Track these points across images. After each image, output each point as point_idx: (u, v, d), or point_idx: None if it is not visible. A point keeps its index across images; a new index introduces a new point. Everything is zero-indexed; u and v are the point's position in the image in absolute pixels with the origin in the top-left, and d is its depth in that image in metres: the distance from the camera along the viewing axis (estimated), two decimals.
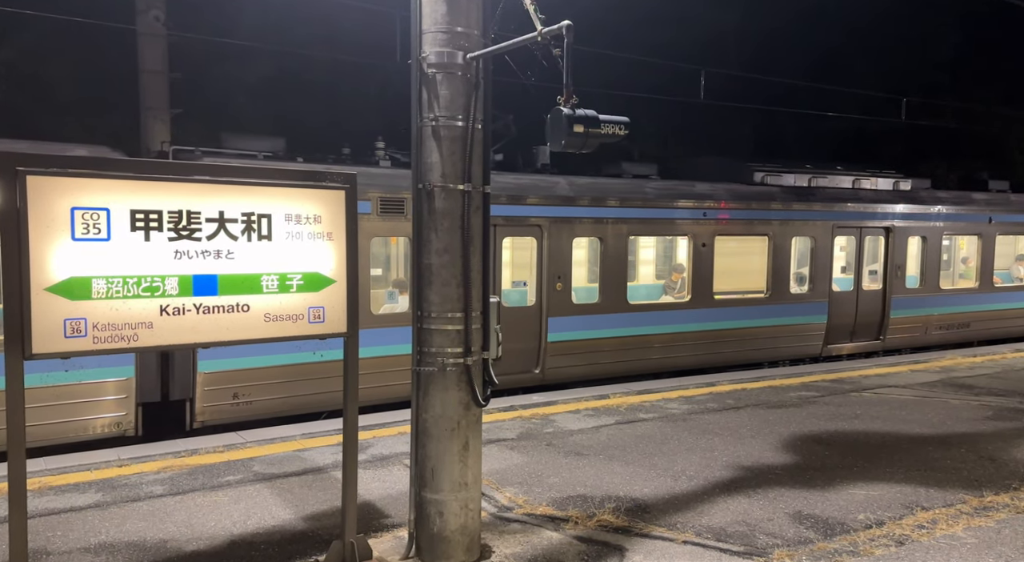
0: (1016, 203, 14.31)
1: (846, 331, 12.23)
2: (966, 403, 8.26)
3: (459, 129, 4.11)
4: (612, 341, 10.01)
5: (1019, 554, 4.36)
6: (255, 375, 7.73)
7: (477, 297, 4.25)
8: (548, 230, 9.40)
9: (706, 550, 4.44)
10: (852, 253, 12.31)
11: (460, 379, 4.20)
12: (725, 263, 10.97)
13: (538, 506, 5.12)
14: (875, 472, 5.88)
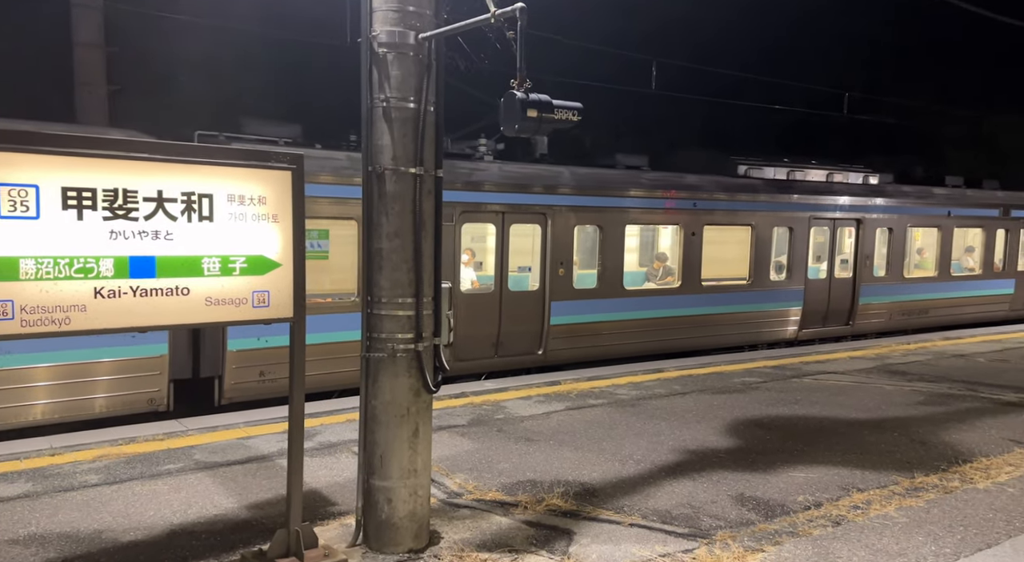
0: (971, 198, 15.08)
1: (819, 317, 12.85)
2: (899, 389, 8.59)
3: (411, 111, 4.04)
4: (610, 324, 10.45)
5: (947, 532, 4.56)
6: (281, 354, 7.94)
7: (428, 282, 4.20)
8: (552, 218, 9.77)
9: (652, 532, 4.52)
10: (826, 243, 12.93)
11: (411, 365, 4.15)
12: (712, 251, 11.43)
13: (488, 492, 5.12)
14: (814, 455, 6.07)
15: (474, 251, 9.74)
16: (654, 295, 11.11)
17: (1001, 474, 5.61)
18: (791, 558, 4.19)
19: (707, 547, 4.32)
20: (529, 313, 9.71)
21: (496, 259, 9.57)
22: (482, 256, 9.74)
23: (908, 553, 4.26)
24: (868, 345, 11.86)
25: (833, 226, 12.97)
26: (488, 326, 9.50)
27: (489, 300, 9.48)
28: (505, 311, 9.58)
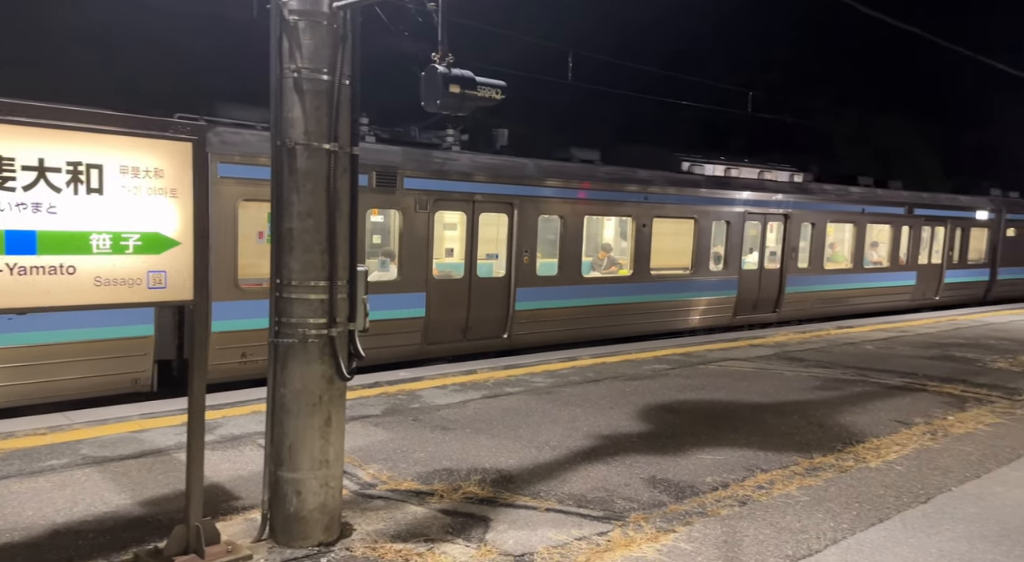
0: (880, 197, 16.29)
1: (751, 304, 13.80)
2: (798, 374, 9.02)
3: (324, 83, 3.83)
4: (569, 310, 11.00)
5: (844, 509, 4.80)
6: (262, 336, 8.02)
7: (344, 265, 4.01)
8: (518, 208, 10.19)
9: (568, 516, 4.53)
10: (758, 236, 13.82)
11: (323, 351, 3.96)
12: (659, 243, 12.10)
13: (403, 481, 5.00)
14: (720, 438, 6.27)
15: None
16: (609, 283, 11.64)
17: (890, 453, 5.97)
18: (701, 538, 4.30)
19: (621, 529, 4.37)
20: (496, 299, 10.11)
21: (466, 247, 9.84)
22: (453, 243, 9.97)
23: (809, 530, 4.45)
24: (767, 334, 12.42)
25: (764, 220, 13.83)
26: (458, 311, 9.82)
27: (459, 286, 9.80)
28: (474, 297, 9.93)
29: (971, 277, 18.75)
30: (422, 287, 9.43)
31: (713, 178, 13.26)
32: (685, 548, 4.16)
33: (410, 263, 9.32)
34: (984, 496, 5.08)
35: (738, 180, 13.63)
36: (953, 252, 18.13)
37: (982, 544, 4.31)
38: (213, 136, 7.78)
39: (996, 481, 5.38)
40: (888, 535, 4.41)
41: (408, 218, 9.27)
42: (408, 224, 9.28)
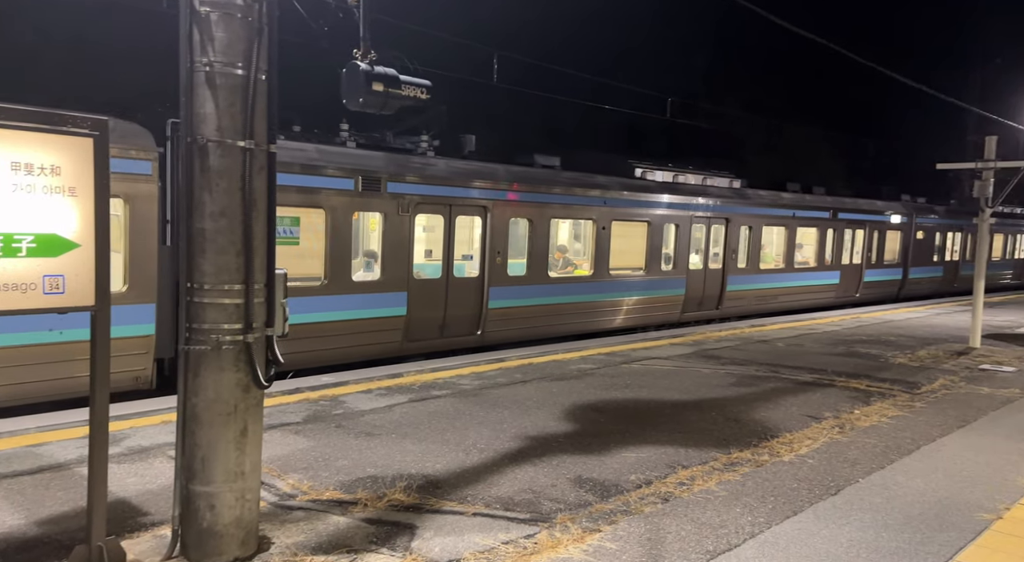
0: (808, 202, 17.62)
1: (697, 302, 14.81)
2: (715, 372, 9.31)
3: (239, 78, 3.67)
4: (537, 308, 11.63)
5: (760, 503, 4.96)
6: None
7: (261, 267, 3.85)
8: (492, 211, 10.74)
9: (495, 520, 4.50)
10: (703, 238, 14.77)
11: (239, 358, 3.79)
12: (616, 244, 12.82)
13: (325, 491, 4.85)
14: (643, 436, 6.39)
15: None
16: (573, 282, 12.31)
17: (802, 447, 6.22)
18: (625, 536, 4.35)
19: (548, 531, 4.37)
20: (470, 298, 10.66)
21: (444, 248, 10.32)
22: (432, 245, 10.45)
23: (728, 524, 4.58)
24: (687, 333, 12.79)
25: (708, 223, 14.82)
26: (436, 310, 10.29)
27: (438, 286, 10.29)
28: (451, 296, 10.44)
29: (887, 276, 20.33)
30: (404, 287, 9.81)
31: (663, 184, 14.18)
32: (610, 547, 4.20)
33: (393, 264, 9.70)
34: (888, 486, 5.36)
35: (685, 186, 14.63)
36: (871, 253, 19.61)
37: (887, 533, 4.54)
38: None
39: (899, 471, 5.69)
40: (802, 527, 4.58)
41: (391, 221, 9.66)
42: (391, 226, 9.67)
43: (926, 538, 4.47)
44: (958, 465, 5.86)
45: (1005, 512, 4.92)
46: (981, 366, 10.19)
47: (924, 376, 9.39)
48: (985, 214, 12.21)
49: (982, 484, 5.44)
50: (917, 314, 16.38)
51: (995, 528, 4.65)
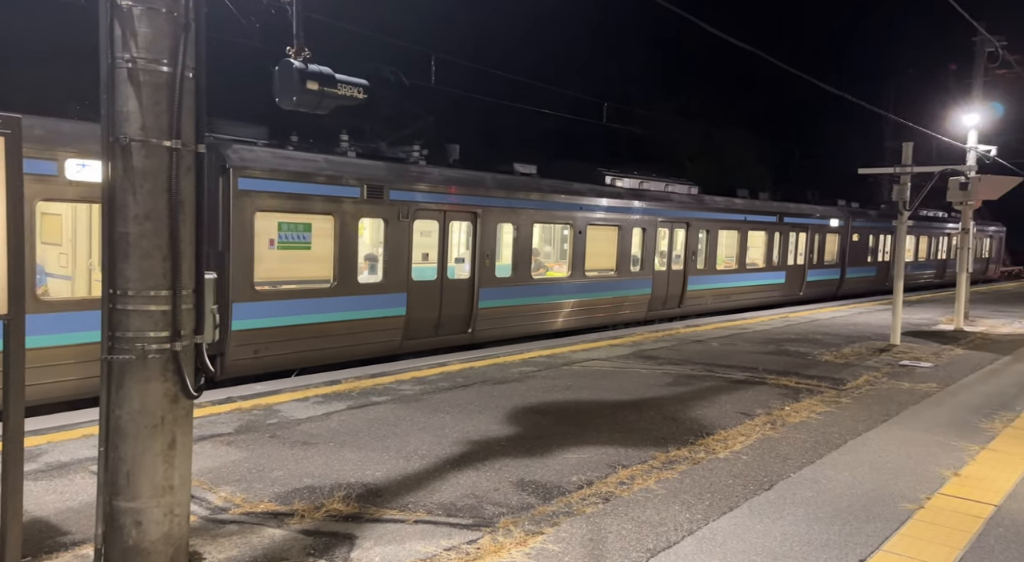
0: (758, 207, 18.82)
1: (662, 301, 15.77)
2: (653, 372, 9.48)
3: (165, 75, 3.52)
4: (522, 307, 12.34)
5: (697, 500, 5.06)
6: (272, 334, 8.96)
7: (189, 273, 3.70)
8: (482, 216, 11.43)
9: (437, 527, 4.44)
10: (667, 241, 15.79)
11: (166, 368, 3.63)
12: (591, 247, 13.64)
13: (259, 503, 4.69)
14: (585, 437, 6.44)
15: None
16: (553, 283, 13.11)
17: (736, 444, 6.39)
18: (568, 538, 4.36)
19: (491, 535, 4.34)
20: (462, 299, 11.33)
21: (439, 251, 10.95)
22: (428, 249, 11.00)
23: (667, 522, 4.66)
24: (624, 334, 12.99)
25: (671, 227, 15.81)
26: (432, 310, 10.89)
27: (433, 287, 10.91)
28: (445, 297, 11.08)
29: (827, 276, 21.88)
30: (403, 288, 10.38)
31: (631, 190, 15.06)
32: (553, 549, 4.20)
33: (394, 267, 10.27)
34: (818, 480, 5.55)
35: (650, 192, 15.55)
36: (813, 254, 21.06)
37: (818, 525, 4.70)
38: (232, 153, 8.54)
39: (828, 465, 5.90)
40: (738, 522, 4.70)
41: (392, 226, 10.24)
42: (392, 231, 10.25)
43: (854, 530, 4.64)
44: (882, 458, 6.13)
45: (926, 502, 5.16)
46: (901, 362, 10.70)
47: (849, 373, 9.79)
48: (903, 216, 12.83)
49: (905, 475, 5.70)
50: (841, 313, 17.09)
51: (917, 517, 4.87)
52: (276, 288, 9.00)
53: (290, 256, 9.15)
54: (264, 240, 8.77)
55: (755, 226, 18.51)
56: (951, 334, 14.02)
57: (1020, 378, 9.77)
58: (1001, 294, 24.98)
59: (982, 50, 16.55)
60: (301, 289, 9.22)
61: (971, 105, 16.20)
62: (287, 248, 9.04)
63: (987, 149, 16.10)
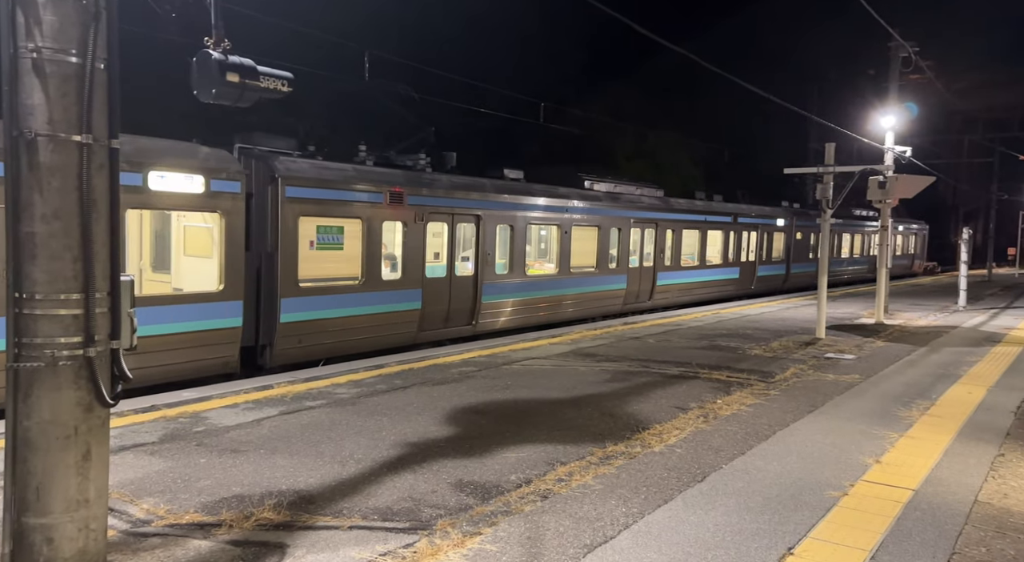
0: (715, 208, 20.42)
1: (635, 295, 17.22)
2: (591, 369, 9.58)
3: (74, 66, 3.33)
4: (518, 301, 13.68)
5: (634, 494, 5.13)
6: (313, 326, 9.98)
7: (103, 275, 3.50)
8: (483, 219, 12.71)
9: (373, 532, 4.35)
10: (639, 240, 17.27)
11: (78, 375, 3.43)
12: (575, 246, 15.01)
13: (184, 514, 4.50)
14: (523, 435, 6.44)
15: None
16: (544, 279, 14.39)
17: (671, 437, 6.50)
18: (506, 537, 4.35)
19: (428, 538, 4.29)
20: (467, 294, 12.59)
21: (447, 251, 12.15)
22: (438, 248, 12.22)
23: (604, 517, 4.69)
24: (564, 332, 13.09)
25: (643, 228, 17.23)
26: (442, 304, 12.11)
27: (443, 283, 12.15)
28: (453, 292, 12.31)
29: (775, 271, 23.92)
30: (419, 284, 11.59)
31: (608, 194, 16.45)
32: (491, 549, 4.17)
33: (411, 264, 11.46)
34: (749, 470, 5.70)
35: (624, 195, 16.97)
36: (763, 252, 23.00)
37: (749, 515, 4.82)
38: (279, 164, 9.57)
39: (758, 456, 6.07)
40: (672, 515, 4.77)
41: (409, 228, 11.43)
42: (409, 233, 11.44)
43: (783, 518, 4.78)
44: (809, 447, 6.35)
45: (850, 488, 5.37)
46: (826, 355, 11.13)
47: (777, 366, 10.12)
48: (826, 214, 13.35)
49: (830, 464, 5.92)
50: (770, 308, 17.67)
51: (842, 504, 5.06)
52: (315, 285, 10.08)
53: (326, 256, 10.26)
54: (306, 242, 9.88)
55: (713, 226, 20.15)
56: (872, 327, 14.67)
57: (935, 368, 10.31)
58: (919, 289, 26.33)
59: (897, 56, 17.39)
60: (335, 286, 10.36)
61: (888, 108, 17.00)
62: (323, 249, 10.22)
63: (903, 150, 16.93)
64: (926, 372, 9.98)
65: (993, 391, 8.81)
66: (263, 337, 9.55)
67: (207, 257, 9.08)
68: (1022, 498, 5.29)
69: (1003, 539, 4.56)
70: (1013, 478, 5.72)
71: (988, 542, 4.51)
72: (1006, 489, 5.46)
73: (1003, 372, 10.08)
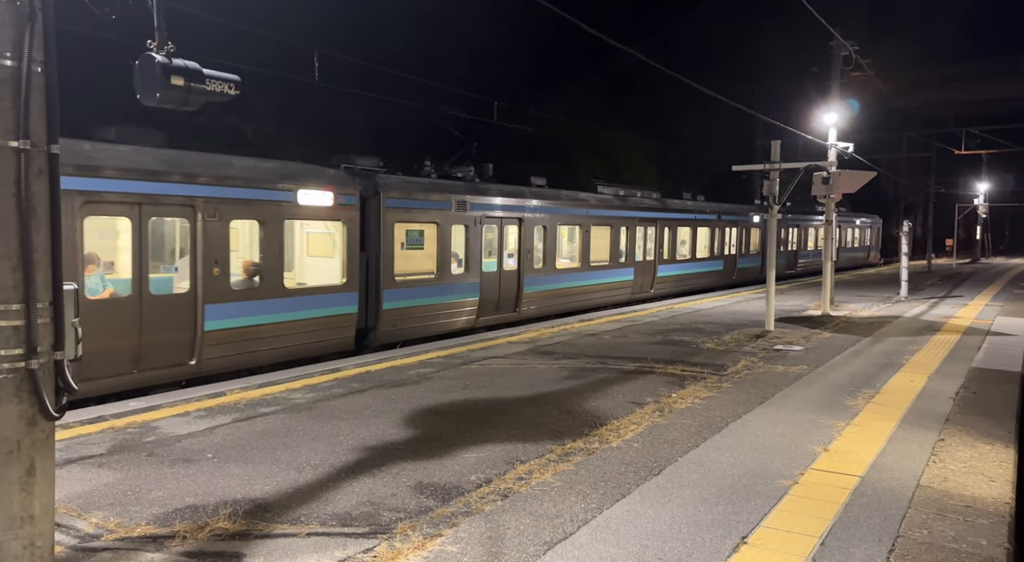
0: (703, 207, 22.73)
1: (640, 286, 19.41)
2: (549, 367, 9.65)
3: (8, 70, 3.21)
4: (551, 291, 15.90)
5: (592, 489, 5.20)
6: (406, 312, 12.31)
7: (44, 284, 3.39)
8: (524, 220, 14.89)
9: (331, 538, 4.32)
10: (643, 237, 19.58)
11: (20, 388, 3.31)
12: (594, 243, 17.35)
13: (135, 527, 4.39)
14: (483, 435, 6.46)
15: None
16: (570, 272, 16.53)
17: (628, 432, 6.61)
18: (466, 538, 4.36)
19: (388, 542, 4.27)
20: (512, 285, 14.77)
21: (498, 249, 14.45)
22: (491, 247, 14.48)
23: (563, 513, 4.75)
24: (522, 331, 13.15)
25: (646, 226, 19.54)
26: (495, 294, 14.21)
27: (495, 276, 14.30)
28: (502, 284, 14.48)
29: (752, 263, 26.32)
30: (478, 277, 13.78)
31: (617, 196, 18.80)
32: (451, 551, 4.18)
33: (472, 261, 13.61)
34: (703, 462, 5.83)
35: (631, 197, 19.38)
36: (742, 246, 25.57)
37: (704, 506, 4.94)
38: (380, 179, 11.94)
39: (712, 448, 6.22)
40: (630, 509, 4.86)
41: (470, 231, 13.57)
42: (470, 235, 13.57)
43: (737, 508, 4.91)
44: (760, 438, 6.52)
45: (800, 477, 5.54)
46: (775, 347, 11.44)
47: (729, 359, 10.36)
48: (773, 210, 13.71)
49: (781, 453, 6.09)
50: (721, 302, 18.06)
51: (793, 493, 5.22)
52: (405, 279, 12.29)
53: (411, 255, 12.46)
54: (398, 243, 12.16)
55: (702, 223, 22.61)
56: (819, 319, 15.13)
57: (879, 357, 10.69)
58: (863, 280, 27.23)
59: (838, 54, 17.94)
60: (418, 279, 12.54)
61: (830, 105, 17.53)
62: (410, 249, 12.46)
63: (846, 146, 17.48)
64: (870, 362, 10.34)
65: (933, 378, 9.19)
66: (369, 321, 11.78)
67: (329, 257, 11.37)
68: (961, 481, 5.54)
69: (943, 521, 4.77)
70: (952, 462, 5.98)
71: (930, 524, 4.71)
72: (946, 473, 5.71)
73: (942, 360, 10.51)
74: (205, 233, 9.09)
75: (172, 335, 8.79)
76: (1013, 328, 14.01)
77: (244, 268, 10.07)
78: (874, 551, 4.31)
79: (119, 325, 8.24)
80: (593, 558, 4.15)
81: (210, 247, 9.17)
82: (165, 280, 9.27)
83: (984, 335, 12.99)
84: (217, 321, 9.26)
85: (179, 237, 9.58)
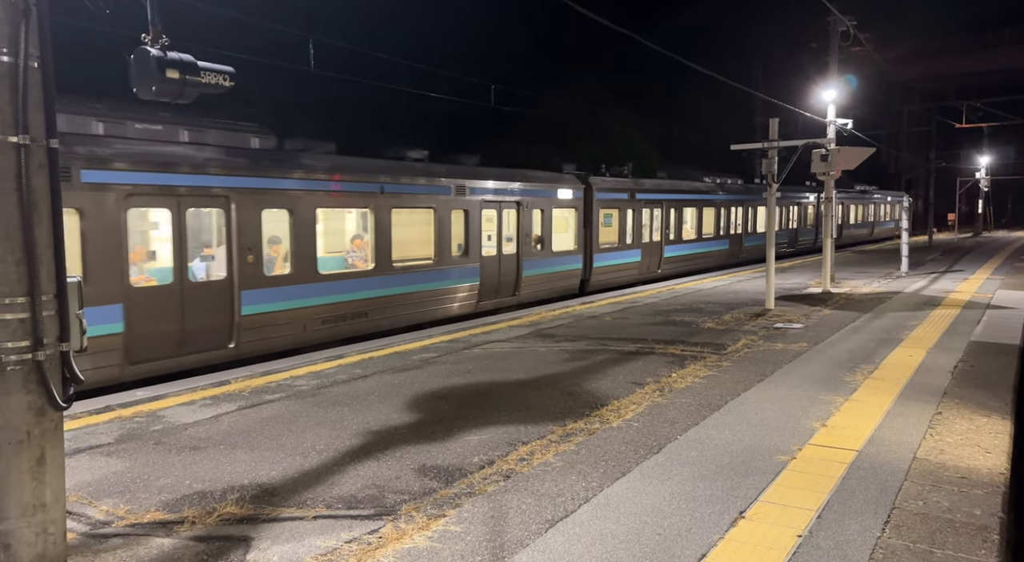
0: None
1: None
2: (550, 349, 9.72)
3: (6, 65, 3.25)
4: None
5: (593, 468, 5.28)
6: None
7: (48, 277, 3.45)
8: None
9: (337, 520, 4.41)
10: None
11: (28, 379, 3.38)
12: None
13: (145, 513, 4.48)
14: (485, 418, 6.54)
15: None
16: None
17: (628, 412, 6.68)
18: (470, 518, 4.45)
19: (392, 523, 4.36)
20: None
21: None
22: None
23: (565, 492, 4.83)
24: (524, 314, 13.22)
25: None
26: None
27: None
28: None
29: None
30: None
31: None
32: (455, 530, 4.27)
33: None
34: (702, 440, 5.91)
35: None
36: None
37: (702, 483, 5.02)
38: (592, 179, 17.23)
39: (711, 426, 6.29)
40: (630, 486, 4.94)
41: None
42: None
43: (735, 484, 4.99)
44: (759, 415, 6.60)
45: (798, 452, 5.62)
46: (775, 325, 11.49)
47: (729, 338, 10.42)
48: (772, 188, 13.69)
49: (779, 430, 6.17)
50: (722, 282, 18.10)
51: (790, 468, 5.30)
52: (604, 247, 17.66)
53: (605, 230, 17.70)
54: (600, 223, 17.58)
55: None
56: (819, 296, 15.17)
57: (878, 333, 10.75)
58: (864, 256, 27.22)
59: (835, 29, 17.82)
60: (610, 247, 18.04)
61: (828, 81, 17.44)
62: (605, 227, 17.84)
63: (844, 122, 17.41)
64: (870, 337, 10.39)
65: (932, 353, 9.25)
66: (585, 274, 16.70)
67: (565, 232, 16.51)
68: (957, 453, 5.62)
69: (938, 492, 4.85)
70: (949, 434, 6.06)
71: (925, 496, 4.79)
72: (942, 445, 5.78)
73: (941, 334, 10.57)
74: (519, 218, 14.82)
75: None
76: (1013, 301, 14.05)
77: (534, 240, 15.30)
78: (870, 522, 4.39)
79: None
80: (594, 535, 4.24)
81: (525, 228, 14.96)
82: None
83: (984, 309, 13.04)
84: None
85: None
